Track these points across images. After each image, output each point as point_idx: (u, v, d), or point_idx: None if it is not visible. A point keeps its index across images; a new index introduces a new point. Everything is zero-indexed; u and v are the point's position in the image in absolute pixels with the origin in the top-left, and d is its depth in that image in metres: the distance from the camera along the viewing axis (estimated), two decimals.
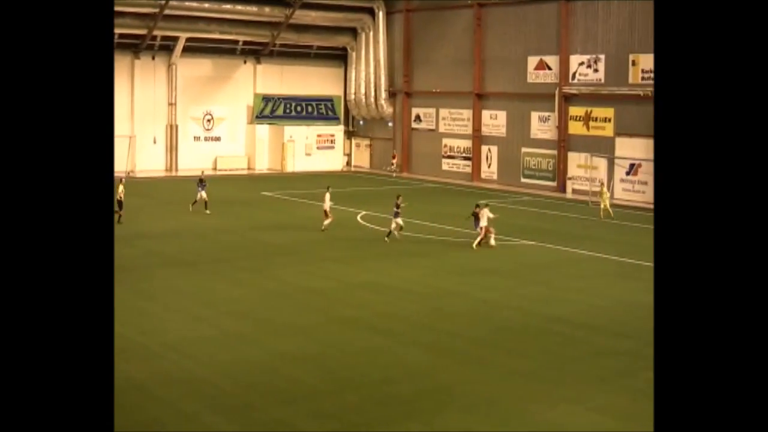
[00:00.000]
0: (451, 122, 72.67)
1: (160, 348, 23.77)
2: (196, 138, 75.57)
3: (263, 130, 77.03)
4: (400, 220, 41.33)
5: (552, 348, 24.46)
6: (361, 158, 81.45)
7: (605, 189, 52.91)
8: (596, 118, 61.47)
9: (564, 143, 63.40)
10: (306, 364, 22.65)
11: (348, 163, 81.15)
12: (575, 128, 62.90)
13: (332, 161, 78.38)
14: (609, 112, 60.53)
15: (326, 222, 43.64)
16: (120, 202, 43.36)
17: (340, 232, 43.94)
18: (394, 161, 76.45)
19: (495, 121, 68.88)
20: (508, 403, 19.98)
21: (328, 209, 43.87)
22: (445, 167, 72.97)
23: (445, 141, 73.21)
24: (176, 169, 73.38)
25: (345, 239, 41.96)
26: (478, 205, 40.47)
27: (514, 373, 22.16)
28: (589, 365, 22.94)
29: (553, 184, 64.04)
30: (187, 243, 36.83)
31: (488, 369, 22.40)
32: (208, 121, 76.08)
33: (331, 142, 79.33)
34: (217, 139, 76.69)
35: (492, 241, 39.47)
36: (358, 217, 48.77)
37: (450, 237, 42.76)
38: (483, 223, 39.50)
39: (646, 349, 24.20)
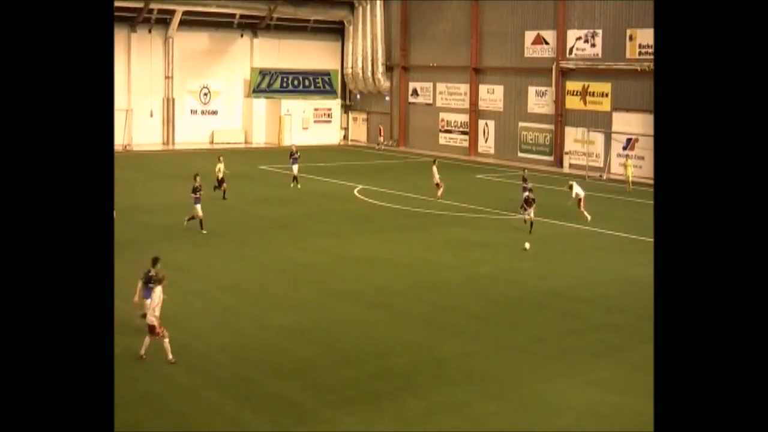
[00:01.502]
0: (448, 96, 72.53)
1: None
2: (193, 112, 75.38)
3: (260, 104, 76.87)
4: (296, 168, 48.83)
5: (547, 322, 24.54)
6: (358, 132, 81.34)
7: (629, 162, 53.19)
8: (593, 93, 61.36)
9: (561, 118, 63.32)
10: (301, 337, 22.73)
11: (345, 137, 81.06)
12: (572, 103, 62.82)
13: (329, 135, 78.24)
14: (606, 86, 60.42)
15: (439, 192, 45.92)
16: (221, 180, 44.56)
17: (337, 205, 43.98)
18: (381, 136, 76.58)
19: (492, 96, 68.75)
20: (503, 376, 20.07)
21: (438, 181, 46.16)
22: (442, 141, 72.87)
23: (442, 115, 73.10)
24: (173, 143, 73.24)
25: (341, 213, 41.97)
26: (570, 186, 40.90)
27: (509, 346, 22.25)
28: (585, 339, 23.03)
29: (550, 158, 64.02)
30: (182, 217, 36.80)
31: (483, 343, 22.48)
32: (205, 94, 75.88)
33: (328, 116, 79.18)
34: (214, 112, 76.50)
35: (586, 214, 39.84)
36: (355, 191, 48.77)
37: (444, 211, 42.77)
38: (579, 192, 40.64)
39: (641, 323, 24.31)
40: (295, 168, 49.92)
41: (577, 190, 40.44)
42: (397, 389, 19.14)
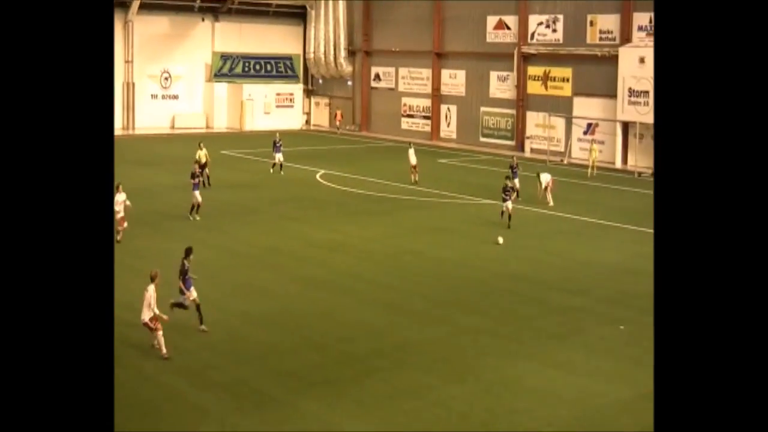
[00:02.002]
0: (411, 81, 72.58)
1: (118, 309, 23.64)
2: (154, 96, 74.80)
3: (221, 88, 76.47)
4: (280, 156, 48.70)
5: (508, 306, 24.75)
6: (321, 117, 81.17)
7: (594, 146, 53.55)
8: (554, 78, 61.68)
9: (522, 103, 63.59)
10: (265, 323, 22.77)
11: (307, 122, 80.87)
12: (534, 88, 63.10)
13: (291, 120, 78.02)
14: (567, 72, 60.76)
15: (415, 177, 46.50)
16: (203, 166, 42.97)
17: (300, 191, 43.95)
18: (338, 120, 76.77)
19: (454, 81, 68.89)
20: (466, 360, 20.23)
21: (415, 164, 46.61)
22: (404, 126, 72.94)
23: (404, 100, 73.14)
24: (133, 128, 72.68)
25: (304, 198, 41.95)
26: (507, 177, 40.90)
27: (471, 331, 22.42)
28: (546, 322, 23.25)
29: (512, 143, 64.30)
30: (143, 203, 36.61)
31: (446, 327, 22.64)
32: (166, 79, 75.35)
33: (290, 100, 78.95)
34: (175, 97, 76.00)
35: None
36: (317, 176, 48.74)
37: (408, 196, 42.89)
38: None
39: (600, 306, 24.60)
40: (279, 156, 49.49)
41: (545, 178, 40.72)
42: (360, 374, 19.25)
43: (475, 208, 40.47)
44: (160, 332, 20.12)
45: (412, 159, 46.56)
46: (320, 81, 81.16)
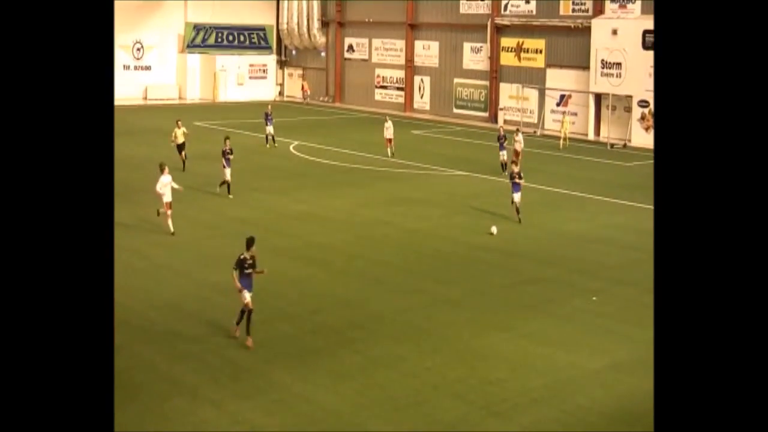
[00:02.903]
0: (384, 52, 72.32)
1: None
2: (126, 67, 74.09)
3: (194, 59, 75.94)
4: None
5: (480, 276, 24.82)
6: (294, 88, 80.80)
7: (566, 118, 53.63)
8: (527, 50, 61.62)
9: (496, 74, 63.54)
10: (236, 294, 22.65)
11: (280, 93, 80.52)
12: (507, 59, 63.03)
13: (265, 91, 77.67)
14: (540, 43, 60.71)
15: (390, 149, 45.82)
16: (180, 146, 40.90)
17: (272, 161, 43.81)
18: (305, 90, 76.62)
19: (428, 52, 68.71)
20: (439, 331, 20.28)
21: (391, 136, 45.87)
22: (378, 97, 72.77)
23: (377, 71, 72.91)
24: None
25: (277, 169, 41.83)
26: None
27: (443, 301, 22.47)
28: (517, 293, 23.34)
29: (485, 114, 64.29)
30: (116, 173, 36.34)
31: (418, 298, 22.68)
32: (138, 50, 74.71)
33: (264, 71, 78.57)
34: (147, 68, 75.40)
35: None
36: (291, 147, 48.58)
37: (381, 167, 42.84)
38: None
39: (572, 276, 24.73)
40: (270, 128, 48.65)
41: (520, 140, 40.84)
42: (333, 344, 19.26)
43: (449, 179, 40.48)
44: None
45: (389, 132, 46.25)
46: (293, 52, 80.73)
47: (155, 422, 15.36)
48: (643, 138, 52.11)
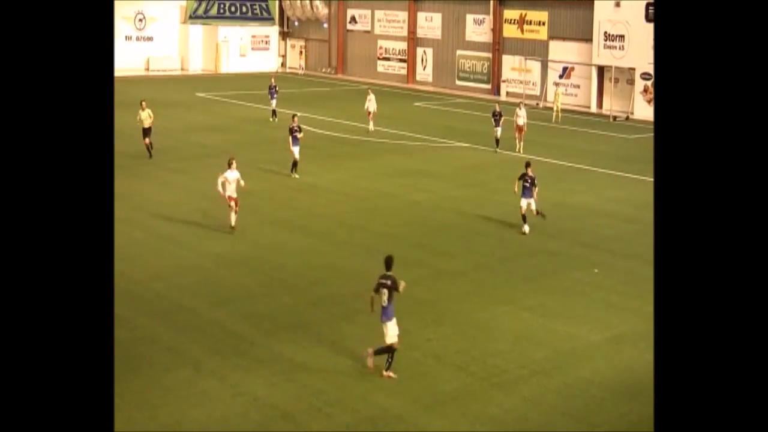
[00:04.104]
0: (387, 24, 71.99)
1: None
2: (128, 38, 73.82)
3: (197, 30, 75.60)
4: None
5: (484, 249, 24.83)
6: (296, 60, 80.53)
7: (559, 91, 53.42)
8: (530, 22, 61.32)
9: (498, 46, 63.28)
10: (239, 265, 22.74)
11: (283, 65, 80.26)
12: (510, 31, 62.72)
13: (267, 62, 77.42)
14: (543, 15, 60.40)
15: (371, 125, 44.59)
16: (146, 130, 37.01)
17: (274, 133, 43.70)
18: (302, 59, 76.83)
19: (430, 24, 68.38)
20: (442, 303, 20.31)
21: (373, 110, 44.53)
22: (380, 69, 72.50)
23: (380, 43, 72.61)
24: None
25: (280, 141, 41.70)
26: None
27: (446, 273, 22.49)
28: (519, 265, 23.35)
29: (488, 86, 64.09)
30: (117, 145, 36.23)
31: (421, 270, 22.67)
32: (140, 20, 74.41)
33: (266, 43, 78.27)
34: (150, 39, 75.11)
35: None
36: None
37: (384, 139, 42.76)
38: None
39: (573, 248, 24.74)
40: (274, 102, 48.06)
41: (522, 115, 40.32)
42: (336, 316, 19.31)
43: (451, 151, 40.42)
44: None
45: (371, 104, 44.92)
46: (296, 23, 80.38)
47: (158, 393, 15.41)
48: (646, 110, 51.95)
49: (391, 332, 15.96)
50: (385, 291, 16.00)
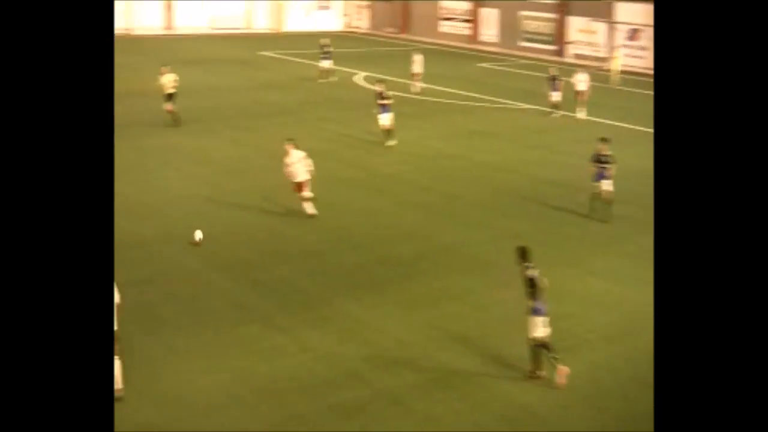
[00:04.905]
0: None
1: (160, 205, 23.93)
2: None
3: None
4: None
5: (550, 211, 24.64)
6: (360, 19, 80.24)
7: (617, 54, 52.68)
8: None
9: (564, 7, 62.44)
10: (304, 223, 22.82)
11: (347, 24, 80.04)
12: None
13: (331, 22, 77.28)
14: None
15: (418, 85, 44.11)
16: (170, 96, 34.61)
17: (337, 92, 43.71)
18: (358, 17, 77.03)
19: None
20: (506, 265, 20.11)
21: (417, 72, 44.18)
22: (444, 29, 72.01)
23: (444, 3, 72.06)
24: (174, 27, 72.31)
25: (343, 100, 41.73)
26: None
27: (511, 235, 22.33)
28: (586, 229, 23.16)
29: (553, 48, 63.36)
30: (184, 101, 36.52)
31: (486, 231, 22.61)
32: None
33: (330, 1, 78.12)
34: None
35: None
36: (355, 78, 48.39)
37: (449, 99, 42.53)
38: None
39: (641, 213, 24.40)
40: (327, 63, 47.44)
41: (583, 80, 39.68)
42: (402, 276, 19.33)
43: (516, 113, 40.09)
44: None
45: (417, 65, 44.40)
46: None
47: (227, 346, 15.59)
48: None
49: (541, 329, 14.63)
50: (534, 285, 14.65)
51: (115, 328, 12.65)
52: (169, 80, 34.23)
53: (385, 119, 31.80)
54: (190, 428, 12.99)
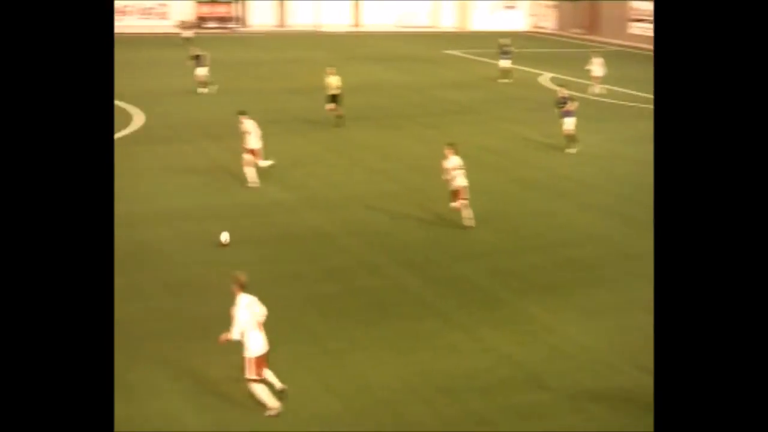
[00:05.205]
0: None
1: (343, 200, 24.24)
2: None
3: None
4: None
5: None
6: (547, 20, 79.38)
7: None
8: None
9: None
10: (485, 222, 22.61)
11: (533, 25, 79.35)
12: None
13: (516, 21, 76.79)
14: None
15: (597, 89, 43.03)
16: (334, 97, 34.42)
17: (521, 92, 43.33)
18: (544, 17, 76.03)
19: None
20: None
21: (599, 75, 43.20)
22: (635, 31, 70.31)
23: (634, 4, 70.38)
24: (361, 24, 73.42)
25: (525, 100, 41.34)
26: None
27: None
28: None
29: None
30: (371, 98, 37.04)
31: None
32: None
33: (516, 1, 77.72)
34: None
35: None
36: (539, 79, 47.86)
37: (635, 103, 41.48)
38: None
39: None
40: (506, 62, 46.83)
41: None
42: (584, 280, 18.88)
43: None
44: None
45: (597, 69, 43.19)
46: None
47: (408, 340, 15.63)
48: None
49: None
50: None
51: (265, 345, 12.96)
52: (334, 81, 34.20)
53: (569, 124, 30.99)
54: (370, 419, 13.06)
